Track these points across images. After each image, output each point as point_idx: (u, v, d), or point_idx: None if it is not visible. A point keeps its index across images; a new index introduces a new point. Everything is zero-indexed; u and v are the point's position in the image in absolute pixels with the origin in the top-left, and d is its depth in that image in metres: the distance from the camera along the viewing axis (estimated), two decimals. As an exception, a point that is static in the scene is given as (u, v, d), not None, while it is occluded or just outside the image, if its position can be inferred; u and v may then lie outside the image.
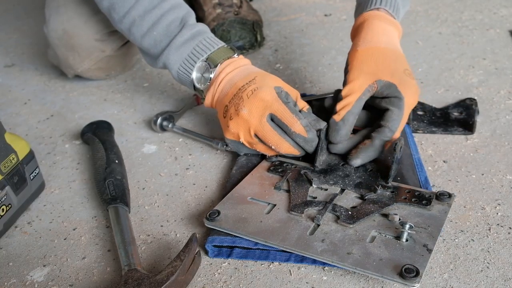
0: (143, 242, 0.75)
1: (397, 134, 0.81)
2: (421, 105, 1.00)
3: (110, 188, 0.80)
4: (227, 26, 1.25)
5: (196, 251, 0.68)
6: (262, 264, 0.70)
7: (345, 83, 0.83)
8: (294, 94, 0.84)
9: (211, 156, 0.92)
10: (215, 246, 0.72)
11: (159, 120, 0.97)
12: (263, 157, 0.87)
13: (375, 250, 0.66)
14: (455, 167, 0.85)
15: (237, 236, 0.71)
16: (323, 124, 0.81)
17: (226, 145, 0.90)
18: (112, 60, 1.16)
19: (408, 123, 0.93)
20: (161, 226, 0.78)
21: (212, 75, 0.87)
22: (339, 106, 0.81)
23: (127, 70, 1.22)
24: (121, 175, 0.83)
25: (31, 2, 1.71)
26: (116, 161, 0.86)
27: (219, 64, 0.86)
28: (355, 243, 0.67)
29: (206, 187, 0.85)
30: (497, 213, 0.76)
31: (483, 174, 0.83)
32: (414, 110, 0.97)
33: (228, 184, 0.82)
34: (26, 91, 1.19)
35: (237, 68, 0.87)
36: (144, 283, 0.63)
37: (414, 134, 0.92)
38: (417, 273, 0.62)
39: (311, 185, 0.78)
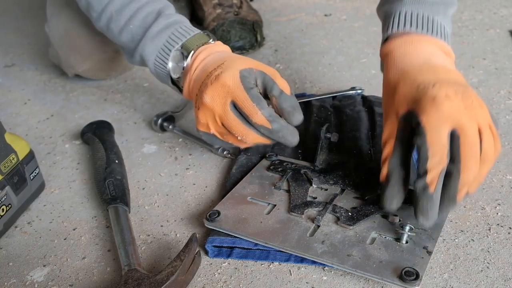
0: (143, 242, 0.75)
1: (436, 166, 0.61)
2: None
3: (110, 188, 0.80)
4: (227, 26, 1.25)
5: (196, 251, 0.68)
6: (262, 264, 0.70)
7: None
8: (271, 73, 0.74)
9: (211, 156, 0.92)
10: (215, 246, 0.72)
11: (159, 121, 0.97)
12: (262, 156, 0.87)
13: (375, 252, 0.66)
14: (455, 167, 0.85)
15: (237, 237, 0.71)
16: (298, 117, 0.73)
17: (227, 151, 0.90)
18: (113, 61, 1.15)
19: None
20: (161, 226, 0.78)
21: (185, 63, 0.80)
22: (382, 164, 0.68)
23: (128, 70, 1.22)
24: (121, 175, 0.83)
25: (30, 2, 1.70)
26: (116, 161, 0.86)
27: (193, 51, 0.80)
28: (355, 244, 0.67)
29: (206, 187, 0.85)
30: (497, 213, 0.76)
31: (483, 174, 0.83)
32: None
33: (228, 183, 0.82)
34: (26, 91, 1.19)
35: (211, 54, 0.80)
36: (144, 283, 0.63)
37: None
38: (417, 276, 0.62)
39: (311, 185, 0.78)
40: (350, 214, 0.72)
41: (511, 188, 0.80)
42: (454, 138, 0.60)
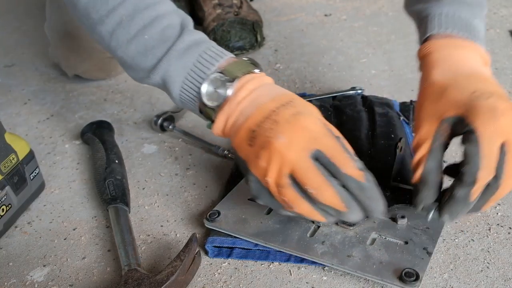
0: (143, 242, 0.75)
1: (484, 177, 0.61)
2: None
3: (110, 188, 0.80)
4: (227, 26, 1.25)
5: (196, 251, 0.68)
6: (262, 264, 0.70)
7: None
8: (337, 133, 0.66)
9: (211, 156, 0.92)
10: (215, 246, 0.72)
11: (159, 121, 0.97)
12: None
13: (375, 253, 0.66)
14: (455, 167, 0.85)
15: (237, 237, 0.71)
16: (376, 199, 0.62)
17: (227, 151, 0.90)
18: (113, 61, 1.15)
19: (407, 123, 0.93)
20: (161, 226, 0.78)
21: (230, 91, 0.66)
22: (412, 165, 0.66)
23: (127, 70, 1.22)
24: (121, 175, 0.83)
25: (31, 2, 1.70)
26: (116, 161, 0.86)
27: (237, 79, 0.67)
28: (355, 245, 0.67)
29: (206, 187, 0.85)
30: (497, 213, 0.76)
31: (483, 174, 0.83)
32: (413, 110, 0.97)
33: (228, 183, 0.82)
34: (26, 91, 1.19)
35: (261, 86, 0.67)
36: (144, 283, 0.63)
37: (414, 134, 0.92)
38: (417, 277, 0.62)
39: None
40: None
41: (511, 188, 0.80)
42: (501, 153, 0.60)
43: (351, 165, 0.60)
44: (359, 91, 1.04)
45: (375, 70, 1.16)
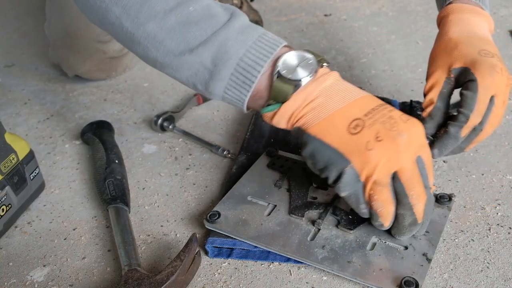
0: (143, 242, 0.75)
1: (475, 119, 0.71)
2: (421, 105, 0.99)
3: (110, 188, 0.80)
4: (227, 26, 1.25)
5: (196, 251, 0.68)
6: (262, 264, 0.70)
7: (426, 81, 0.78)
8: (430, 164, 0.67)
9: (211, 156, 0.92)
10: (215, 247, 0.72)
11: (159, 121, 0.97)
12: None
13: (375, 258, 0.66)
14: (455, 167, 0.85)
15: (238, 240, 0.71)
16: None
17: (227, 152, 0.90)
18: (114, 62, 1.15)
19: None
20: (161, 226, 0.78)
21: (315, 72, 0.63)
22: (424, 104, 0.76)
23: (128, 71, 1.22)
24: (121, 175, 0.83)
25: (30, 2, 1.70)
26: (116, 161, 0.86)
27: (321, 65, 0.64)
28: (355, 250, 0.67)
29: (206, 187, 0.85)
30: (497, 213, 0.76)
31: (483, 174, 0.83)
32: (414, 110, 0.97)
33: (228, 183, 0.82)
34: (26, 91, 1.19)
35: (340, 80, 0.65)
36: (144, 283, 0.63)
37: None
38: (417, 286, 0.62)
39: (311, 184, 0.78)
40: (350, 217, 0.71)
41: (511, 188, 0.80)
42: (490, 103, 0.72)
43: (420, 199, 0.63)
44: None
45: (375, 70, 1.16)
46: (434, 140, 0.74)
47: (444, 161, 0.86)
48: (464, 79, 0.74)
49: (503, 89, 0.73)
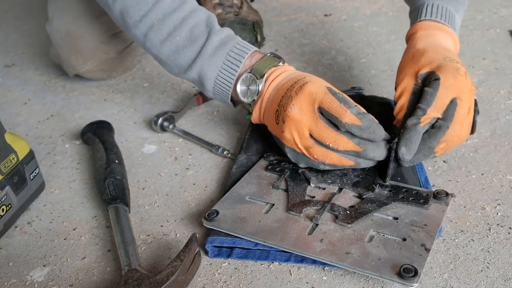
0: (143, 242, 0.75)
1: (432, 113, 0.74)
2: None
3: (110, 188, 0.80)
4: (227, 26, 1.25)
5: (196, 251, 0.68)
6: (262, 264, 0.70)
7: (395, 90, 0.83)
8: (337, 90, 0.77)
9: (211, 156, 0.92)
10: (215, 246, 0.72)
11: (159, 121, 0.97)
12: (261, 156, 0.87)
13: (374, 249, 0.66)
14: (455, 167, 0.85)
15: (237, 237, 0.71)
16: (381, 132, 0.74)
17: (227, 152, 0.90)
18: (115, 62, 1.15)
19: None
20: (161, 226, 0.78)
21: (260, 87, 0.81)
22: (395, 111, 0.80)
23: (128, 71, 1.22)
24: (121, 175, 0.83)
25: (31, 2, 1.70)
26: (116, 161, 0.86)
27: (266, 75, 0.81)
28: (353, 242, 0.68)
29: (206, 187, 0.85)
30: (497, 213, 0.76)
31: (483, 174, 0.83)
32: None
33: (228, 183, 0.82)
34: (26, 91, 1.19)
35: (283, 72, 0.82)
36: (144, 283, 0.63)
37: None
38: (416, 273, 0.62)
39: (309, 184, 0.78)
40: (348, 212, 0.72)
41: (511, 188, 0.80)
42: (452, 103, 0.75)
43: (347, 114, 0.72)
44: (359, 91, 1.04)
45: (375, 70, 1.16)
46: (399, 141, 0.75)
47: (444, 161, 0.86)
48: (429, 80, 0.78)
49: (467, 93, 0.76)
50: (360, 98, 1.02)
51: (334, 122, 0.73)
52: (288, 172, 0.81)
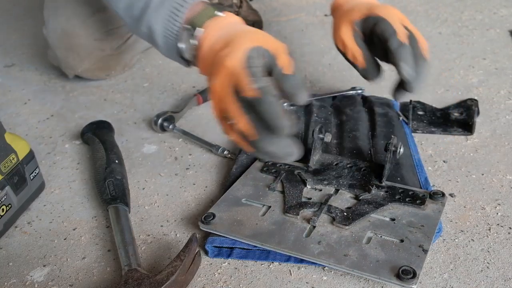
0: (143, 242, 0.75)
1: (400, 28, 0.77)
2: (421, 105, 1.00)
3: (110, 188, 0.80)
4: (227, 26, 1.25)
5: (196, 251, 0.68)
6: (262, 264, 0.70)
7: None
8: (274, 50, 0.68)
9: (211, 156, 0.92)
10: (215, 246, 0.72)
11: (159, 121, 0.97)
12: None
13: (372, 251, 0.66)
14: (455, 167, 0.85)
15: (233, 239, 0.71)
16: (302, 96, 0.64)
17: (227, 152, 0.90)
18: (112, 60, 1.16)
19: (407, 123, 0.93)
20: (161, 226, 0.78)
21: (195, 41, 0.72)
22: (350, 56, 0.84)
23: (127, 70, 1.22)
24: (121, 175, 0.83)
25: (30, 2, 1.70)
26: (116, 161, 0.86)
27: (201, 28, 0.72)
28: (351, 244, 0.67)
29: (206, 187, 0.85)
30: (497, 213, 0.76)
31: (483, 174, 0.83)
32: (414, 110, 0.97)
33: (228, 183, 0.82)
34: (26, 91, 1.19)
35: (221, 29, 0.72)
36: (144, 283, 0.63)
37: (414, 134, 0.92)
38: (414, 274, 0.62)
39: (305, 185, 0.78)
40: (345, 214, 0.72)
41: (511, 188, 0.80)
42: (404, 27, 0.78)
43: (249, 87, 0.63)
44: (359, 91, 1.04)
45: (375, 70, 1.16)
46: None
47: (444, 161, 0.86)
48: (370, 25, 0.80)
49: (406, 20, 0.80)
50: (361, 98, 1.02)
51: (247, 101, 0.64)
52: (284, 173, 0.81)
